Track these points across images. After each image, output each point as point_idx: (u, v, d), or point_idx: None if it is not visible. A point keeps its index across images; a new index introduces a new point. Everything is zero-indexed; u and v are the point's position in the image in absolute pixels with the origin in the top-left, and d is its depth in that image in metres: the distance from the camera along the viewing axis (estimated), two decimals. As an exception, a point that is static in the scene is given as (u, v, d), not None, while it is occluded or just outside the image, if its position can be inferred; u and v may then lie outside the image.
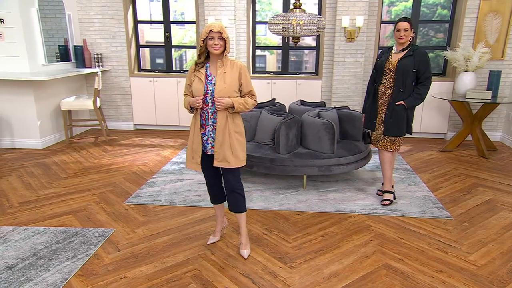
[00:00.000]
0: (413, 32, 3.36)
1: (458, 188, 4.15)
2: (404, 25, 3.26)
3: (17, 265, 2.63)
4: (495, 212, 3.56)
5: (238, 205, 2.78)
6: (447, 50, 5.85)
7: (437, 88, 6.05)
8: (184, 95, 2.77)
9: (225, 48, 2.55)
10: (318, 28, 4.24)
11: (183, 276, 2.57)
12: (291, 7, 4.40)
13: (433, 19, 6.25)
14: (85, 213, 3.47)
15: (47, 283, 2.44)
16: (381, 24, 6.12)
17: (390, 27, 6.39)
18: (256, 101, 2.72)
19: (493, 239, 3.08)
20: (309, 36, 4.47)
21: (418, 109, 6.14)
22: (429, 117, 6.19)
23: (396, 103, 3.39)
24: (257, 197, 3.83)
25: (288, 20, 4.27)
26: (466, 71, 5.53)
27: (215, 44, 2.51)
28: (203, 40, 2.54)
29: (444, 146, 5.60)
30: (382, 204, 3.66)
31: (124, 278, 2.54)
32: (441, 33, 6.35)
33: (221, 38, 2.51)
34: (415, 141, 6.11)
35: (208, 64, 2.64)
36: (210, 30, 2.48)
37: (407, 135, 3.74)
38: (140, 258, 2.78)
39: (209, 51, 2.56)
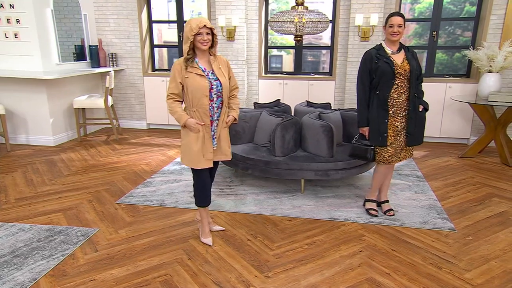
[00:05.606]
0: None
1: (470, 198, 3.83)
2: (398, 20, 3.01)
3: (-7, 261, 2.65)
4: (506, 226, 3.24)
5: None
6: (470, 50, 5.46)
7: (459, 90, 5.67)
8: (171, 99, 2.69)
9: (212, 43, 2.66)
10: (321, 26, 4.05)
11: (152, 281, 2.49)
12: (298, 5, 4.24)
13: (460, 16, 5.86)
14: (75, 212, 3.47)
15: (15, 282, 2.42)
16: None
17: (412, 26, 6.07)
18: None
19: (497, 256, 2.79)
20: (310, 34, 4.28)
21: (438, 111, 5.83)
22: (450, 120, 5.81)
23: (420, 110, 3.15)
24: (251, 200, 3.70)
25: (292, 18, 4.11)
26: (489, 71, 5.14)
27: (203, 40, 2.59)
28: (193, 36, 2.56)
29: (463, 152, 5.23)
30: (390, 216, 3.39)
31: (93, 280, 2.49)
32: (469, 31, 5.95)
33: (209, 33, 2.60)
34: (434, 146, 5.74)
35: (196, 60, 2.68)
36: (204, 25, 2.54)
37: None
38: (115, 260, 2.72)
39: (197, 46, 2.62)
